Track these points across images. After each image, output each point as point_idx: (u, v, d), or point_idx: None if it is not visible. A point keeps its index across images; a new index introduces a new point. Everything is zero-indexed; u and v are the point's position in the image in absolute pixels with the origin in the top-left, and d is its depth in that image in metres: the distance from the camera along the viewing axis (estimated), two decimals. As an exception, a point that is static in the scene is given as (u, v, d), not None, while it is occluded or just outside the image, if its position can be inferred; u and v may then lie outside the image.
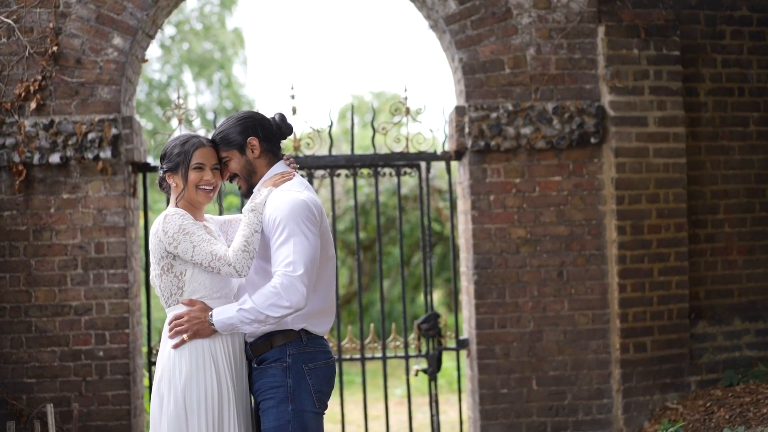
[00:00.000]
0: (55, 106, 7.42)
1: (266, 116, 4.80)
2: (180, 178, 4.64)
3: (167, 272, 4.56)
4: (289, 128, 4.84)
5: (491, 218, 7.57)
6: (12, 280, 7.37)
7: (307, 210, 4.51)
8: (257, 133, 4.71)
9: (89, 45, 7.43)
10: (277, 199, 4.55)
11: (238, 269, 4.47)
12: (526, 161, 7.57)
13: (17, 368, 7.36)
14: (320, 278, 4.63)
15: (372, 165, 7.88)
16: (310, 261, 4.46)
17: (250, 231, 4.51)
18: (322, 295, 4.66)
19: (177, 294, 4.58)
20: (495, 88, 7.57)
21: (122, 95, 7.46)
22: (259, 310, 4.43)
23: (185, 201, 4.67)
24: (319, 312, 4.65)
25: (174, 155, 4.66)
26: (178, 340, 4.55)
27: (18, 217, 7.38)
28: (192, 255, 4.48)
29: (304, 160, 7.82)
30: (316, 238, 4.51)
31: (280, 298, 4.40)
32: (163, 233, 4.51)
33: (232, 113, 4.96)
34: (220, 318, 4.51)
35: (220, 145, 4.72)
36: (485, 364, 7.56)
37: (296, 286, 4.41)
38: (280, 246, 4.46)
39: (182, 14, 25.11)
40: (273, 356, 4.59)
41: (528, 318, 7.56)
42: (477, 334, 7.57)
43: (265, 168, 4.76)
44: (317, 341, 4.67)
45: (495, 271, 7.56)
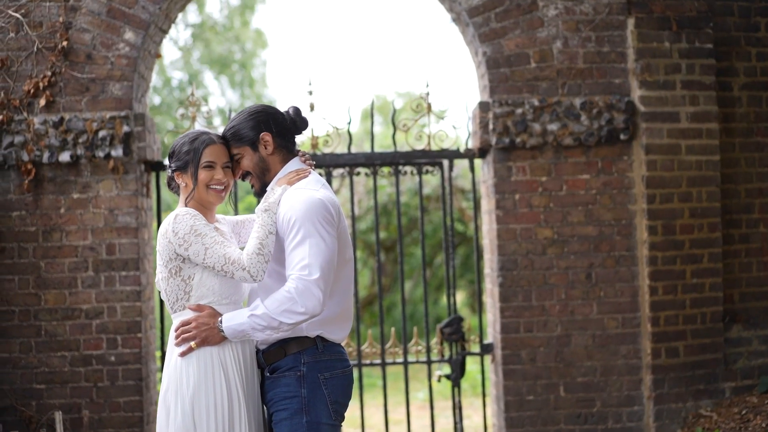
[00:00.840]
0: (65, 103, 7.19)
1: (280, 110, 4.53)
2: (189, 177, 4.39)
3: (175, 275, 4.31)
4: (304, 122, 4.56)
5: (516, 218, 7.29)
6: (21, 283, 7.14)
7: (324, 209, 4.25)
8: (270, 128, 4.45)
9: (100, 40, 7.19)
10: (291, 198, 4.28)
11: (253, 273, 4.20)
12: (553, 159, 7.29)
13: (26, 374, 7.13)
14: (337, 282, 4.36)
15: (392, 163, 7.61)
16: (326, 264, 4.19)
17: (265, 232, 4.25)
18: (339, 300, 4.39)
19: (183, 299, 4.32)
20: (520, 82, 7.29)
21: (134, 91, 7.22)
22: (272, 316, 4.16)
23: (195, 201, 4.41)
24: (335, 318, 4.38)
25: (183, 153, 4.40)
26: (185, 347, 4.29)
27: (27, 218, 7.16)
28: (204, 258, 4.22)
29: (322, 158, 7.56)
30: (334, 240, 4.25)
31: (294, 304, 4.14)
32: (173, 234, 4.25)
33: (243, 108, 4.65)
34: (230, 324, 4.25)
35: (232, 142, 4.46)
36: (510, 370, 7.27)
37: (312, 290, 4.14)
38: (295, 248, 4.20)
39: (203, 14, 24.96)
40: (286, 365, 4.32)
41: (555, 322, 7.28)
42: (502, 339, 7.29)
43: (279, 165, 4.49)
44: (334, 349, 4.39)
45: (520, 273, 7.28)
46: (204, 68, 25.39)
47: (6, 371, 7.11)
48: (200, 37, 25.06)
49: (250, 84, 25.32)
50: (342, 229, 4.37)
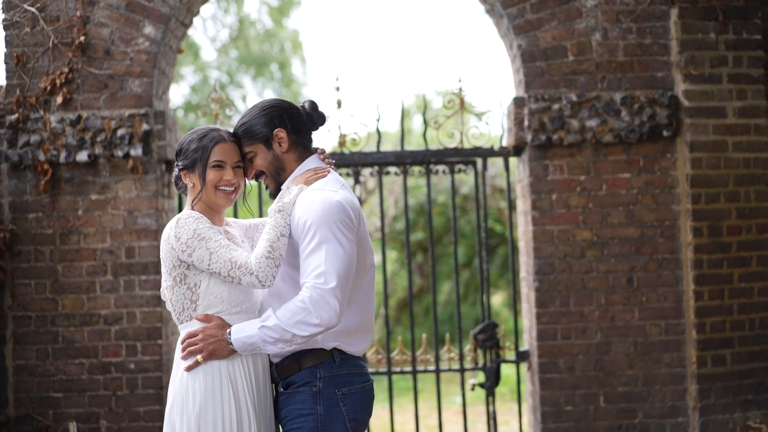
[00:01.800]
0: (83, 100, 6.93)
1: (295, 104, 4.21)
2: (197, 177, 4.09)
3: (180, 284, 4.01)
4: (321, 117, 4.23)
5: (553, 219, 6.94)
6: (38, 287, 6.89)
7: (342, 212, 3.93)
8: (285, 124, 4.13)
9: (119, 35, 6.93)
10: (307, 200, 3.97)
11: (261, 279, 3.89)
12: (592, 157, 6.93)
13: (43, 382, 6.88)
14: (357, 291, 4.04)
15: (423, 162, 7.28)
16: (344, 272, 3.87)
17: (276, 234, 3.93)
18: (358, 309, 4.07)
19: (190, 309, 4.02)
20: (557, 77, 6.94)
21: (154, 88, 6.95)
22: (285, 327, 3.85)
23: (203, 203, 4.11)
24: (355, 329, 4.06)
25: (190, 151, 4.10)
26: (191, 361, 3.99)
27: (44, 220, 6.90)
28: (209, 263, 3.92)
29: (350, 157, 7.25)
30: (353, 246, 3.93)
31: (308, 315, 3.82)
32: (176, 239, 3.96)
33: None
34: (239, 336, 3.94)
35: (243, 139, 4.15)
36: (547, 379, 6.92)
37: (328, 300, 3.82)
38: (311, 254, 3.89)
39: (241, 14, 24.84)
40: (301, 379, 4.00)
41: (594, 328, 6.91)
42: (538, 346, 6.94)
43: (294, 164, 4.17)
44: (353, 362, 4.07)
45: (558, 277, 6.92)
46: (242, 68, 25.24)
47: (22, 379, 6.87)
48: (238, 37, 24.93)
49: (287, 84, 25.11)
50: (362, 234, 4.05)
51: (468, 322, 16.00)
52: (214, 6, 24.40)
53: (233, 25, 24.96)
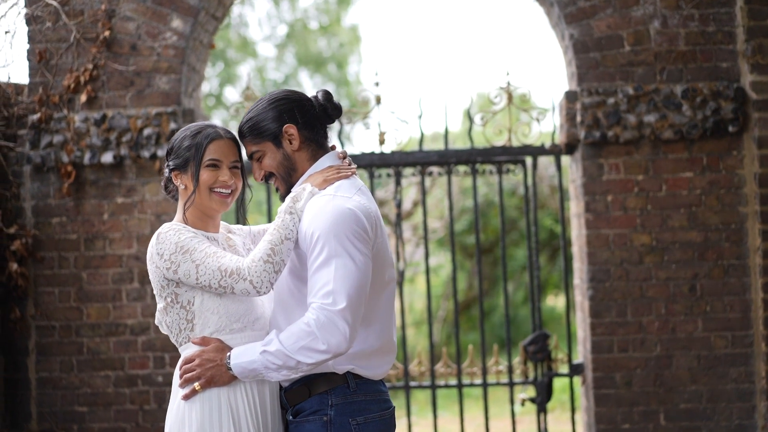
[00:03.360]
0: (108, 98, 6.58)
1: (306, 96, 3.77)
2: (189, 178, 3.65)
3: (172, 304, 3.59)
4: (336, 109, 3.76)
5: (609, 222, 6.43)
6: (61, 296, 6.55)
7: (355, 222, 3.47)
8: (295, 119, 3.67)
9: (145, 29, 6.56)
10: (316, 207, 3.52)
11: (256, 284, 3.45)
12: (651, 155, 6.41)
13: (67, 395, 6.54)
14: (375, 309, 3.59)
15: (469, 161, 6.81)
16: (355, 290, 3.42)
17: (279, 237, 3.49)
18: (377, 330, 3.61)
19: (187, 329, 3.60)
20: (612, 68, 6.43)
21: (183, 85, 6.57)
22: (288, 353, 3.41)
23: (195, 208, 3.68)
24: (373, 352, 3.61)
25: (183, 149, 3.67)
26: (188, 389, 3.56)
27: (68, 225, 6.57)
28: (197, 277, 3.49)
29: (390, 157, 6.81)
30: (367, 260, 3.47)
31: (314, 340, 3.39)
32: (159, 257, 3.54)
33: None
34: (239, 362, 3.51)
35: (249, 137, 3.70)
36: (603, 395, 6.42)
37: (336, 323, 3.38)
38: (318, 270, 3.44)
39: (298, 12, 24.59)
40: (311, 407, 3.56)
41: (654, 340, 6.40)
42: (593, 359, 6.44)
43: (307, 163, 3.71)
44: (370, 387, 3.62)
45: (614, 285, 6.42)
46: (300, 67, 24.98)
47: (46, 392, 6.53)
48: (295, 36, 24.68)
49: (344, 82, 24.79)
50: (380, 246, 3.59)
51: (529, 325, 15.62)
52: (270, 4, 24.20)
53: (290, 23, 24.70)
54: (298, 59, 24.86)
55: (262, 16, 26.63)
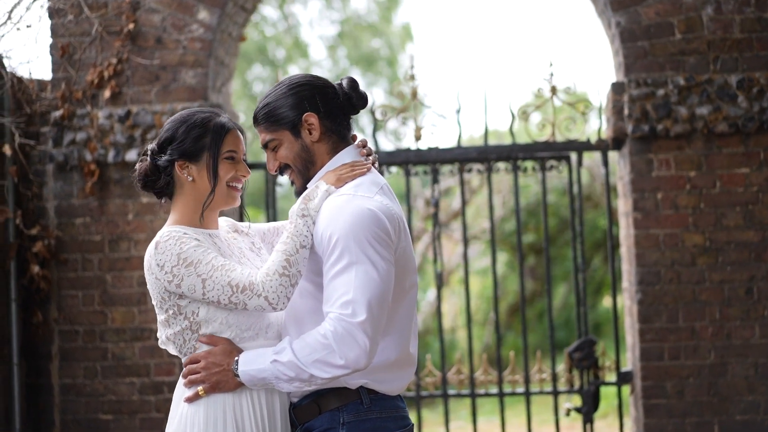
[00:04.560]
0: (133, 94, 6.33)
1: (330, 83, 3.43)
2: (201, 171, 3.33)
3: (175, 317, 3.27)
4: (362, 99, 3.41)
5: (659, 222, 6.05)
6: (85, 299, 6.31)
7: (376, 224, 3.14)
8: (316, 107, 3.33)
9: (171, 21, 6.30)
10: (333, 208, 3.19)
11: (272, 300, 3.15)
12: (703, 149, 6.03)
13: (91, 402, 6.30)
14: (393, 318, 3.26)
15: (510, 158, 6.46)
16: (377, 301, 3.10)
17: (295, 245, 3.17)
18: (395, 341, 3.27)
19: (192, 340, 3.29)
20: (662, 58, 6.06)
21: (210, 79, 6.30)
22: (301, 366, 3.10)
23: (197, 202, 3.35)
24: (389, 364, 3.27)
25: (191, 138, 3.33)
26: (191, 392, 3.27)
27: (91, 225, 6.32)
28: (203, 293, 3.18)
29: (427, 154, 6.48)
30: (389, 267, 3.14)
31: (330, 353, 3.07)
32: (159, 268, 3.22)
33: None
34: (248, 369, 3.20)
35: (265, 124, 3.36)
36: (653, 405, 6.04)
37: (355, 336, 3.06)
38: (336, 277, 3.12)
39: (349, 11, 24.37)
40: (321, 425, 3.23)
41: (707, 347, 6.02)
42: (642, 367, 6.07)
43: (326, 156, 3.37)
44: (386, 403, 3.28)
45: (664, 288, 6.04)
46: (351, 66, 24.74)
47: (69, 399, 6.30)
48: (347, 35, 24.46)
49: (395, 81, 24.51)
50: (404, 250, 3.25)
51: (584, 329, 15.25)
52: (322, 3, 23.98)
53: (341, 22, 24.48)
54: (349, 59, 24.63)
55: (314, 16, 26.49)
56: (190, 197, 3.37)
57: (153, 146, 3.40)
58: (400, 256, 3.24)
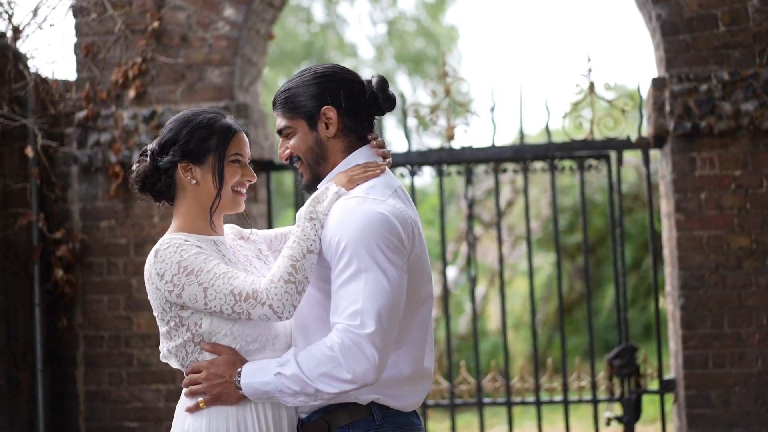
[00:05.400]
0: (158, 93, 6.18)
1: (359, 77, 3.20)
2: (207, 173, 3.14)
3: (177, 329, 3.09)
4: (388, 101, 3.18)
5: (702, 223, 5.78)
6: (110, 304, 6.17)
7: (388, 229, 2.94)
8: (338, 102, 3.12)
9: (196, 18, 6.15)
10: (343, 211, 2.99)
11: (277, 309, 2.95)
12: (750, 147, 5.75)
13: (116, 409, 6.16)
14: (407, 330, 3.05)
15: (546, 157, 6.22)
16: (387, 311, 2.90)
17: (301, 251, 2.98)
18: (408, 354, 3.06)
19: (195, 352, 3.10)
20: (705, 51, 5.78)
21: (236, 78, 6.13)
22: (306, 379, 2.90)
23: (201, 207, 3.18)
24: (403, 378, 3.06)
25: (196, 139, 3.14)
26: (192, 403, 3.09)
27: (117, 228, 6.18)
28: (205, 303, 2.99)
29: (460, 153, 6.26)
30: (401, 275, 2.94)
31: (337, 367, 2.87)
32: (159, 278, 3.04)
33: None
34: (251, 381, 3.00)
35: (282, 110, 3.16)
36: (697, 415, 5.77)
37: (363, 349, 2.86)
38: (344, 285, 2.92)
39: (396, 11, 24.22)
40: (331, 442, 3.05)
41: (755, 354, 5.74)
42: (685, 375, 5.80)
43: (340, 154, 3.16)
44: (400, 420, 3.07)
45: (708, 293, 5.77)
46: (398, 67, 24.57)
47: (94, 406, 6.16)
48: (394, 35, 24.31)
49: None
50: (418, 257, 3.04)
51: (636, 328, 14.95)
52: (370, 3, 23.85)
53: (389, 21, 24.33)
54: (396, 58, 24.46)
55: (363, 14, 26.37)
56: (192, 201, 3.19)
57: (153, 146, 3.22)
58: (414, 264, 3.03)
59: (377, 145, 3.22)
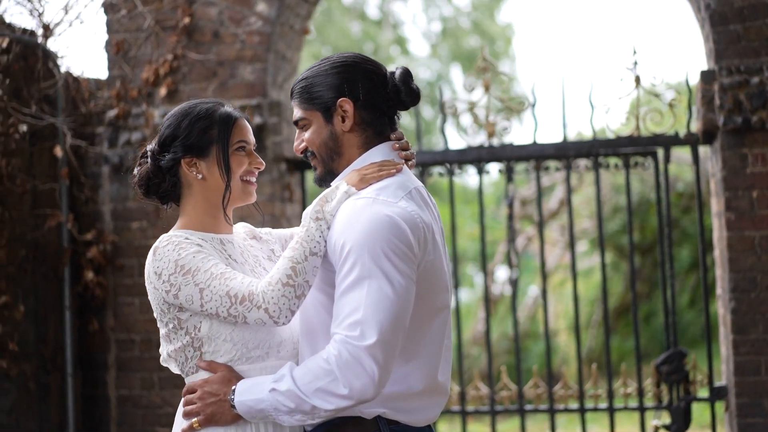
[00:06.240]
0: (190, 91, 6.03)
1: (381, 69, 2.98)
2: (213, 166, 2.97)
3: (177, 331, 2.92)
4: (411, 95, 2.96)
5: (754, 223, 5.51)
6: (142, 307, 6.03)
7: (395, 234, 2.72)
8: (355, 94, 2.91)
9: (228, 14, 5.99)
10: (350, 212, 2.78)
11: (273, 313, 2.76)
12: (804, 143, 5.46)
13: (148, 415, 6.02)
14: (420, 341, 2.84)
15: (590, 154, 5.97)
16: (390, 322, 2.69)
17: (303, 252, 2.78)
18: (421, 367, 2.85)
19: (194, 358, 2.93)
20: (756, 42, 5.51)
21: (269, 74, 5.97)
22: (302, 395, 2.71)
23: (206, 201, 3.00)
24: (414, 394, 2.85)
25: (196, 132, 2.97)
26: (186, 425, 2.91)
27: (148, 229, 6.05)
28: (201, 304, 2.82)
29: (500, 151, 6.03)
30: (408, 283, 2.73)
31: (333, 382, 2.68)
32: (156, 277, 2.87)
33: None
34: (244, 399, 2.82)
35: (299, 100, 2.96)
36: (749, 424, 5.50)
37: (362, 362, 2.66)
38: (346, 292, 2.72)
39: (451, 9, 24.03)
40: (335, 460, 2.85)
41: (810, 361, 5.44)
42: (737, 383, 5.52)
43: (356, 150, 2.95)
44: (411, 435, 2.88)
45: (761, 296, 5.49)
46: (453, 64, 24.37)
47: (126, 411, 6.03)
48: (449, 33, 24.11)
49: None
50: (431, 264, 2.81)
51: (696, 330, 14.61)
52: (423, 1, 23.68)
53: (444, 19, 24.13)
54: (451, 56, 24.26)
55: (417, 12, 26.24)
56: (200, 197, 3.01)
57: (153, 146, 3.05)
58: (426, 272, 2.81)
59: (398, 140, 3.01)
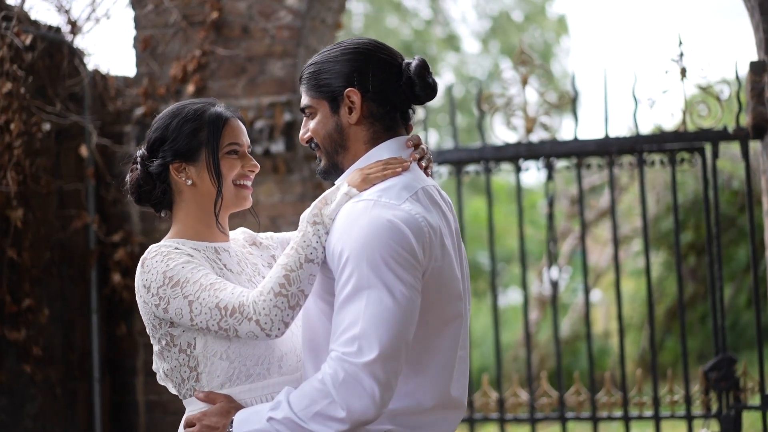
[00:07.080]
0: (218, 88, 5.86)
1: (396, 59, 2.75)
2: (203, 171, 2.79)
3: (169, 349, 2.73)
4: (427, 88, 2.73)
5: (808, 221, 5.22)
6: (172, 310, 5.86)
7: (397, 240, 2.50)
8: (365, 84, 2.69)
9: (258, 8, 5.82)
10: (349, 217, 2.58)
11: (264, 325, 2.56)
12: None
13: (177, 421, 5.77)
14: (431, 354, 2.63)
15: (633, 150, 5.71)
16: (392, 336, 2.48)
17: (297, 259, 2.58)
18: (431, 382, 2.64)
19: (191, 379, 2.73)
20: (810, 31, 5.22)
21: (299, 70, 5.77)
22: (299, 421, 2.50)
23: (199, 208, 2.82)
24: (424, 410, 2.63)
25: (185, 135, 2.80)
26: None
27: (175, 230, 5.87)
28: (191, 318, 2.63)
29: (540, 147, 5.79)
30: (412, 294, 2.51)
31: (330, 404, 2.47)
32: (146, 290, 2.69)
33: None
34: (243, 431, 2.61)
35: (306, 86, 2.77)
36: (802, 434, 5.21)
37: (361, 381, 2.45)
38: (344, 305, 2.52)
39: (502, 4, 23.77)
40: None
41: None
42: (790, 390, 5.24)
43: (362, 145, 2.74)
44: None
45: (815, 299, 5.20)
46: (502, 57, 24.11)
47: (155, 417, 5.88)
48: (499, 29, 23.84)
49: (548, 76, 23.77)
50: (439, 271, 2.58)
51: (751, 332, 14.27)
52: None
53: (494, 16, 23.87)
54: (502, 52, 23.99)
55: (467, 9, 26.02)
56: (192, 204, 2.83)
57: (142, 151, 2.87)
58: (434, 279, 2.58)
59: (412, 141, 2.78)
